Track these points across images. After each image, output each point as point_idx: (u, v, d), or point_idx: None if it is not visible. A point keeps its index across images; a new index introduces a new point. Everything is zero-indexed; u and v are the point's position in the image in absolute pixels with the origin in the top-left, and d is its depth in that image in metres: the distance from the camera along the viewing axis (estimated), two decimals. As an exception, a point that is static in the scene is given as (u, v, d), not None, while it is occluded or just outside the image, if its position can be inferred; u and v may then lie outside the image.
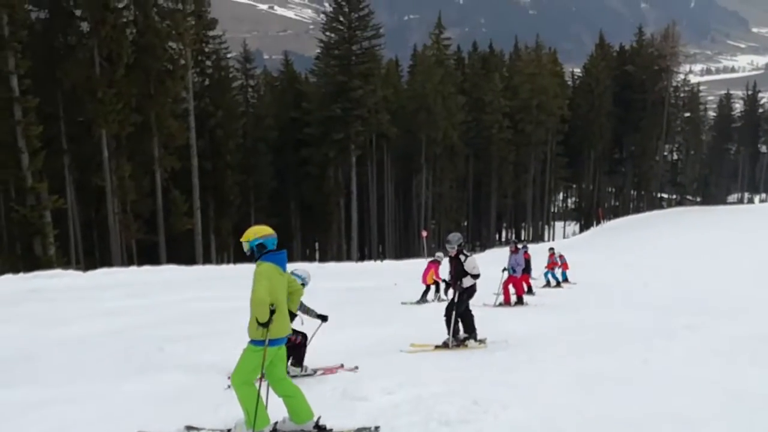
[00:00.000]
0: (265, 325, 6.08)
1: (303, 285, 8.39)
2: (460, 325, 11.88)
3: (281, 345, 6.51)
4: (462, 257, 11.83)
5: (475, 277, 11.77)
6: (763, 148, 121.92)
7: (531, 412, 7.24)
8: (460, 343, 11.78)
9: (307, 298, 8.81)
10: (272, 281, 6.22)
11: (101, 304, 17.06)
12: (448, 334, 11.79)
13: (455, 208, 73.65)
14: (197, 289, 19.98)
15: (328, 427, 6.60)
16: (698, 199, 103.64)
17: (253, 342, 6.29)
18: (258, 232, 6.50)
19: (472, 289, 11.89)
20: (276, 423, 6.57)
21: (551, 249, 28.76)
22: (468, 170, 75.18)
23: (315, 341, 10.48)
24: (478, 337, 11.92)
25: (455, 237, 12.07)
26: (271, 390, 6.52)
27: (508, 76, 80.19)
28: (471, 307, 12.07)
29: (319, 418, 6.57)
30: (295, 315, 6.85)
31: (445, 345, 11.73)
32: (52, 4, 40.33)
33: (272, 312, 6.10)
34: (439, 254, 20.89)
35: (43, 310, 16.03)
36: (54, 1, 40.17)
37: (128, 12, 42.05)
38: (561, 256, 29.04)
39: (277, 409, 6.51)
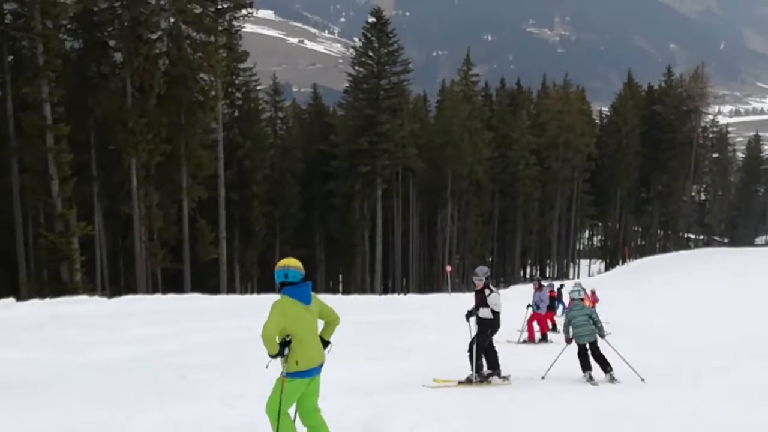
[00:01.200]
0: (275, 356, 6.23)
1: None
2: (484, 361, 11.82)
3: (312, 377, 6.55)
4: (487, 291, 11.80)
5: (495, 314, 11.71)
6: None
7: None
8: (483, 379, 11.72)
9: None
10: (287, 315, 6.29)
11: (125, 331, 17.10)
12: (472, 369, 11.73)
13: (480, 244, 73.40)
14: (222, 318, 19.98)
15: None
16: (725, 240, 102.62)
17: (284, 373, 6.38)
18: (282, 264, 6.56)
19: (495, 325, 11.84)
20: None
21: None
22: (493, 206, 75.06)
23: (336, 374, 10.46)
24: (502, 374, 11.85)
25: (482, 270, 12.07)
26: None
27: (535, 113, 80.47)
28: (495, 344, 12.01)
29: None
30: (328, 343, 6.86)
31: (468, 381, 11.67)
32: (87, 34, 40.95)
33: (287, 344, 6.21)
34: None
35: (67, 335, 16.06)
36: (88, 31, 40.77)
37: (161, 43, 42.52)
38: (593, 293, 28.93)
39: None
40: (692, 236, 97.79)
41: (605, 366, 12.26)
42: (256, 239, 52.45)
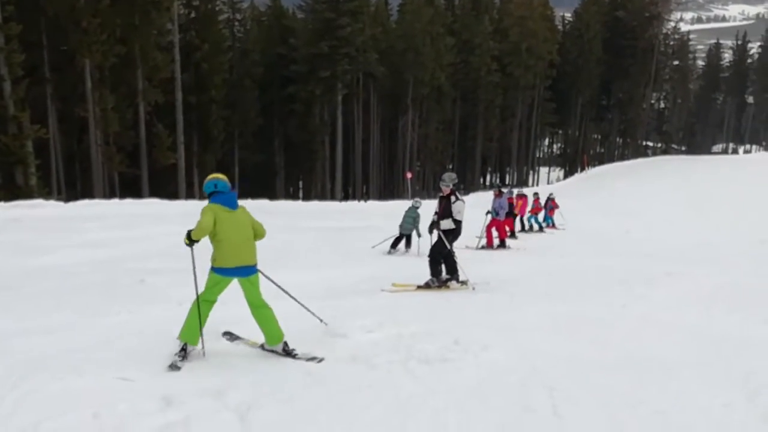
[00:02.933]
0: (188, 244, 6.98)
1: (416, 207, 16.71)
2: (443, 266, 11.91)
3: (228, 276, 7.10)
4: (453, 198, 11.79)
5: (457, 222, 11.74)
6: (750, 99, 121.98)
7: (510, 352, 7.29)
8: (442, 284, 11.82)
9: (291, 237, 8.72)
10: (217, 216, 6.98)
11: (82, 235, 16.96)
12: (431, 274, 11.83)
13: (441, 150, 73.51)
14: (180, 223, 19.79)
15: (295, 351, 7.10)
16: (683, 149, 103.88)
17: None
18: (212, 177, 7.25)
19: (456, 233, 11.88)
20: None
21: (536, 194, 28.89)
22: (455, 112, 74.84)
23: (296, 278, 10.48)
24: (461, 279, 11.96)
25: (450, 176, 12.02)
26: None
27: (498, 18, 79.43)
28: (454, 249, 12.09)
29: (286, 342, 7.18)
30: None
31: (427, 285, 11.76)
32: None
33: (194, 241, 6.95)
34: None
35: (23, 239, 15.91)
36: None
37: (114, -60, 41.05)
38: (552, 200, 29.36)
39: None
40: (651, 144, 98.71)
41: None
42: (215, 144, 51.85)
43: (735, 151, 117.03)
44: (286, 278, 11.41)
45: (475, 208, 18.75)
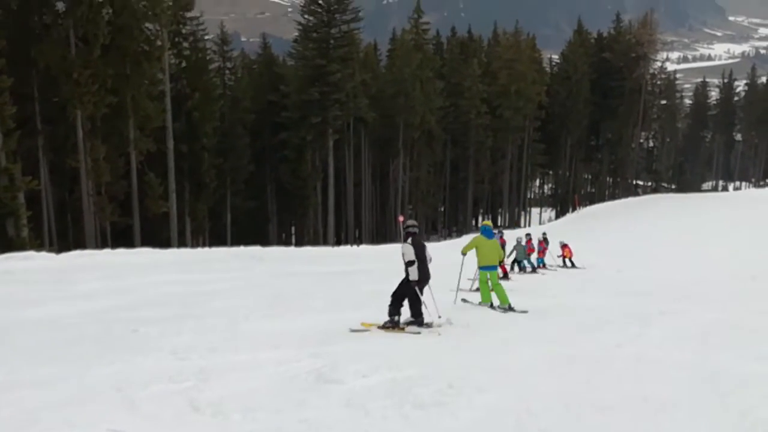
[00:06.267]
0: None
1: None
2: (407, 308, 11.77)
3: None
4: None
5: (409, 264, 11.57)
6: (738, 136, 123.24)
7: (505, 394, 7.27)
8: (395, 325, 11.64)
9: (283, 282, 8.71)
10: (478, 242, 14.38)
11: (74, 286, 16.86)
12: (389, 314, 11.69)
13: (432, 193, 73.81)
14: (172, 272, 19.80)
15: None
16: (673, 187, 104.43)
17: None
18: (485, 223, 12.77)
19: (420, 276, 11.68)
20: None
21: (528, 235, 29.03)
22: (445, 155, 75.32)
23: (289, 325, 10.46)
24: (426, 322, 11.73)
25: (407, 222, 12.15)
26: None
27: (486, 61, 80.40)
28: (431, 291, 11.94)
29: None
30: None
31: (385, 326, 11.64)
32: (26, -17, 39.70)
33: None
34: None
35: (14, 291, 15.81)
36: (29, -21, 39.54)
37: (104, -9, 41.47)
38: (542, 242, 29.51)
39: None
40: (641, 183, 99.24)
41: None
42: (207, 192, 51.87)
43: (725, 189, 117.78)
44: (279, 325, 11.39)
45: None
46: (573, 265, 29.81)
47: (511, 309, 13.82)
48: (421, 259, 11.69)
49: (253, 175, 59.17)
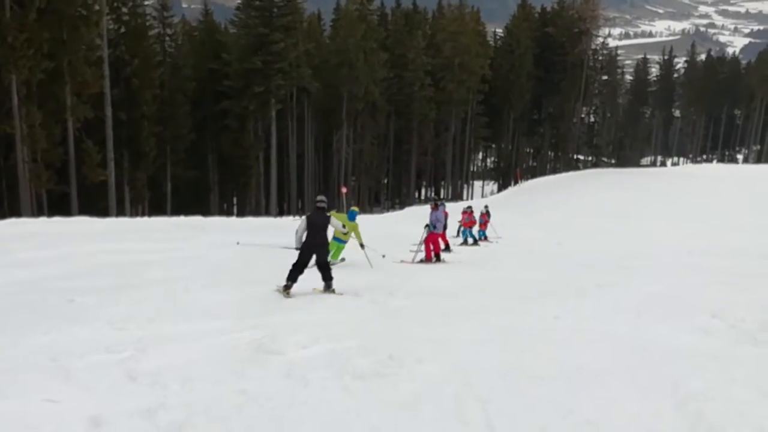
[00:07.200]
0: None
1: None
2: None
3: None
4: None
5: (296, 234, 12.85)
6: (677, 113, 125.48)
7: (444, 365, 7.32)
8: (286, 288, 12.14)
9: (224, 253, 8.51)
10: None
11: (9, 255, 16.48)
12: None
13: (375, 165, 73.78)
14: (109, 241, 19.45)
15: None
16: (613, 162, 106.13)
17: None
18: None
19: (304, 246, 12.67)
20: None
21: (469, 207, 29.11)
22: (389, 127, 75.25)
23: (231, 296, 10.37)
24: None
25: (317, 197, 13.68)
26: None
27: (431, 33, 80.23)
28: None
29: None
30: None
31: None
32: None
33: None
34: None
35: (-55, 260, 15.41)
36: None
37: (40, -47, 40.24)
38: (484, 215, 29.66)
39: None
40: (581, 157, 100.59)
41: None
42: (147, 160, 50.99)
43: (663, 164, 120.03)
44: (218, 296, 11.30)
45: (409, 222, 18.86)
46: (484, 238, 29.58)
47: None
48: (315, 230, 12.78)
49: (194, 144, 58.33)
